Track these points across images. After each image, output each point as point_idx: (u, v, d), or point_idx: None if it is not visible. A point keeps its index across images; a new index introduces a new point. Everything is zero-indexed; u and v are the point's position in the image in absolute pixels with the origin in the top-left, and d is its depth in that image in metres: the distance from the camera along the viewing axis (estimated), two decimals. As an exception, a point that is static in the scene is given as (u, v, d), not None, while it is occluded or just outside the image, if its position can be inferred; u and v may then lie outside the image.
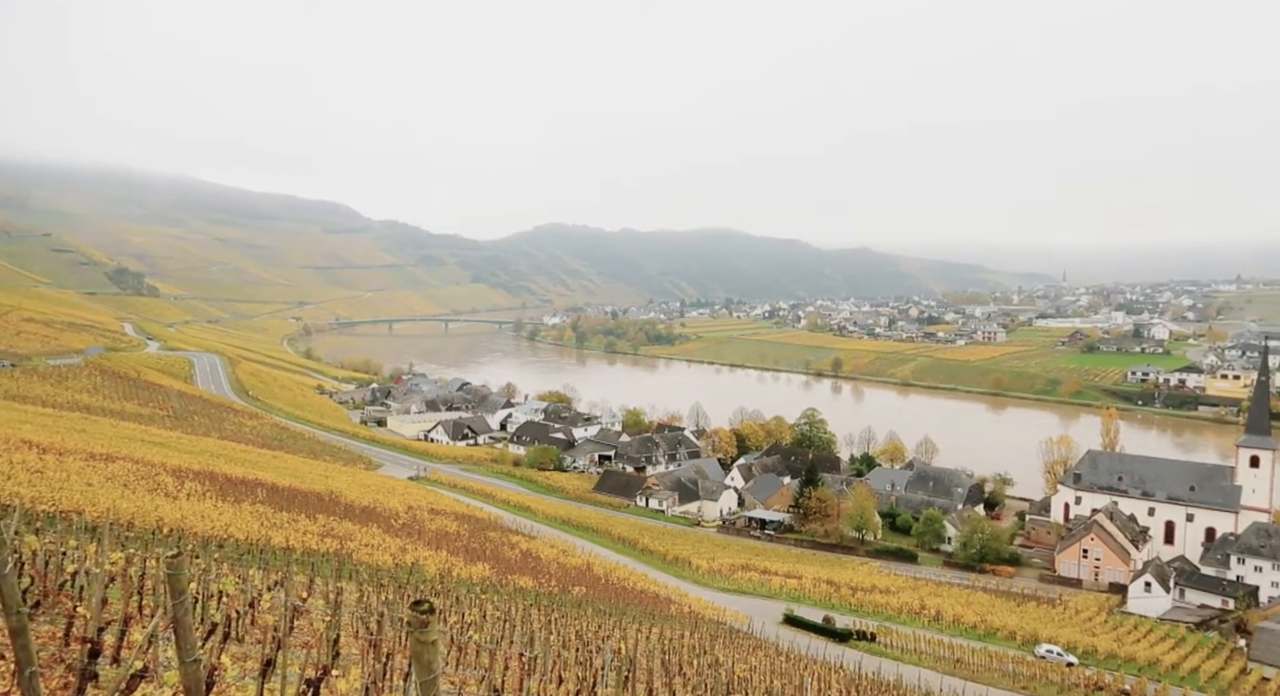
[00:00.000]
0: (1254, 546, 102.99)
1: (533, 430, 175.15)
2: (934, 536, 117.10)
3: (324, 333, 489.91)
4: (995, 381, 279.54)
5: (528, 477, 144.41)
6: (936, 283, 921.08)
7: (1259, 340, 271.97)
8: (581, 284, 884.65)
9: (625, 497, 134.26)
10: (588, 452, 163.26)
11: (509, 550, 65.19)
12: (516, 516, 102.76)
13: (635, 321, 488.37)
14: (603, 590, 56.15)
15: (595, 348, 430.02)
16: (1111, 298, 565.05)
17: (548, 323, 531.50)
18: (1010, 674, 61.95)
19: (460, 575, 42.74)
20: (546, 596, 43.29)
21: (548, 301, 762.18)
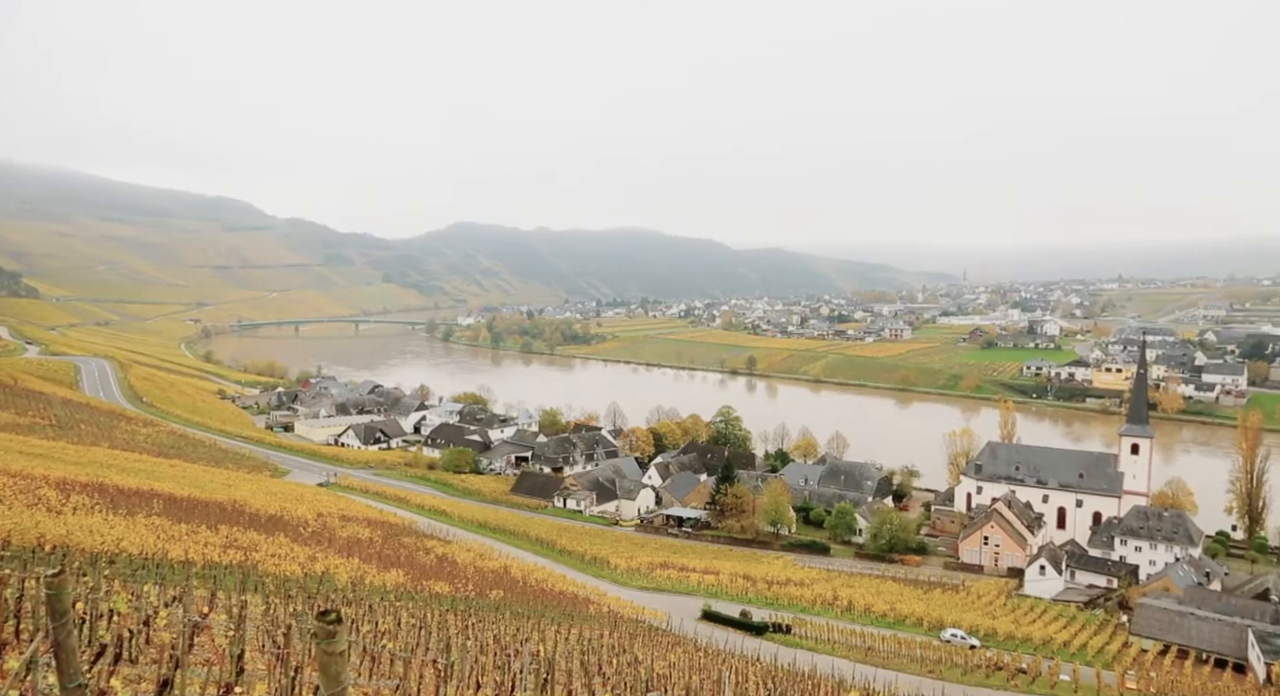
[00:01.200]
0: (1135, 528, 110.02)
1: (448, 432, 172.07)
2: (846, 528, 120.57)
3: (225, 335, 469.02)
4: (902, 377, 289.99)
5: (443, 481, 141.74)
6: (846, 282, 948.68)
7: (1138, 335, 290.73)
8: (496, 284, 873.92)
9: (543, 499, 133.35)
10: (504, 454, 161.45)
11: (424, 555, 63.84)
12: (432, 521, 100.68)
13: (551, 321, 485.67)
14: (521, 593, 55.60)
15: (511, 348, 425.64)
16: (1008, 296, 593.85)
17: (462, 323, 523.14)
18: (918, 659, 64.32)
19: (373, 582, 41.61)
20: (463, 601, 42.57)
21: (462, 302, 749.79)
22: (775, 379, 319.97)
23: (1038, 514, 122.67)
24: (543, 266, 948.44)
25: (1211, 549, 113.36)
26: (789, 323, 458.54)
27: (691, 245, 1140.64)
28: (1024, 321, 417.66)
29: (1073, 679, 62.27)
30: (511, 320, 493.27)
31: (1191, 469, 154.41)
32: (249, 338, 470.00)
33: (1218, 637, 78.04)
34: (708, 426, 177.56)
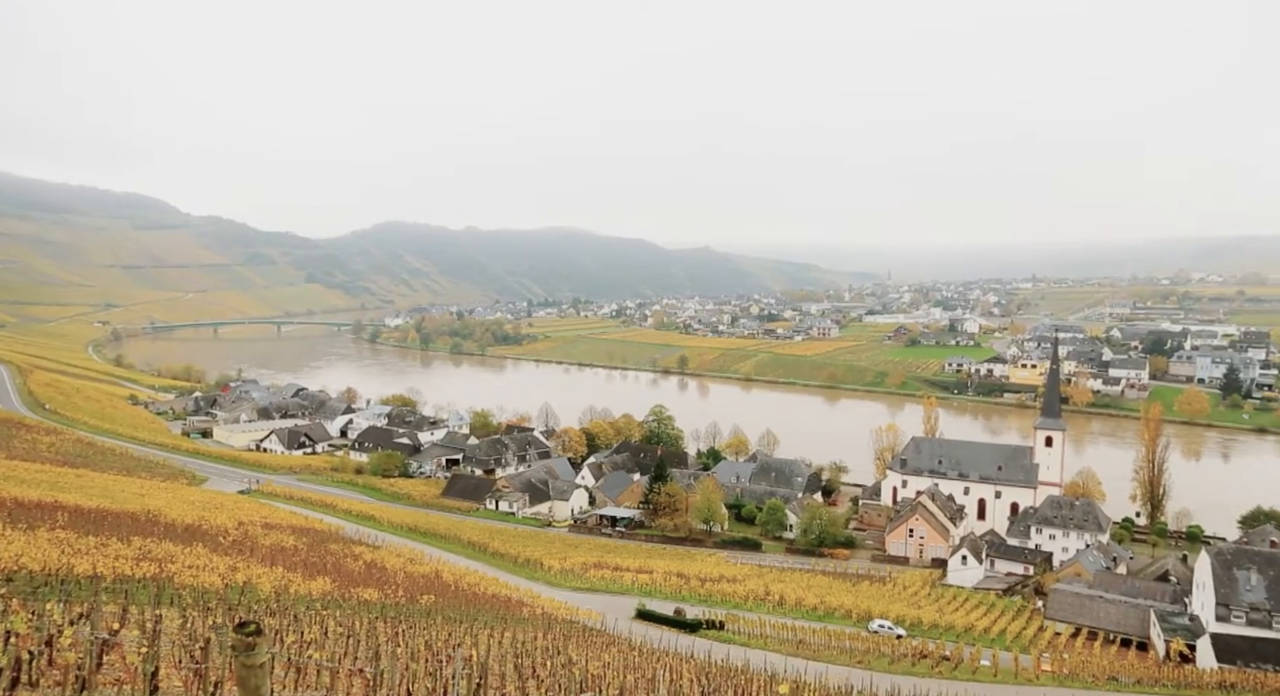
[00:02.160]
0: (1049, 517, 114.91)
1: (376, 436, 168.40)
2: (777, 525, 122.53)
3: (137, 338, 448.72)
4: (830, 375, 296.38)
5: (371, 485, 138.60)
6: (775, 281, 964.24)
7: (1051, 333, 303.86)
8: (425, 284, 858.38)
9: (474, 501, 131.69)
10: (435, 457, 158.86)
11: (352, 562, 62.25)
12: (360, 526, 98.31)
13: (482, 322, 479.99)
14: (453, 597, 54.73)
15: (441, 349, 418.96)
16: (930, 295, 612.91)
17: (390, 324, 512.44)
18: (847, 650, 65.81)
19: (299, 591, 40.34)
20: (393, 607, 41.67)
21: (389, 302, 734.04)
22: (707, 378, 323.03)
23: (960, 506, 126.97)
24: (472, 266, 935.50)
25: (1118, 534, 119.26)
26: (720, 322, 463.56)
27: (623, 245, 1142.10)
28: (945, 320, 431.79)
29: (993, 664, 64.63)
30: (441, 321, 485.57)
31: (1100, 459, 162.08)
32: (164, 340, 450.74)
33: (1124, 619, 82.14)
34: (640, 426, 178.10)
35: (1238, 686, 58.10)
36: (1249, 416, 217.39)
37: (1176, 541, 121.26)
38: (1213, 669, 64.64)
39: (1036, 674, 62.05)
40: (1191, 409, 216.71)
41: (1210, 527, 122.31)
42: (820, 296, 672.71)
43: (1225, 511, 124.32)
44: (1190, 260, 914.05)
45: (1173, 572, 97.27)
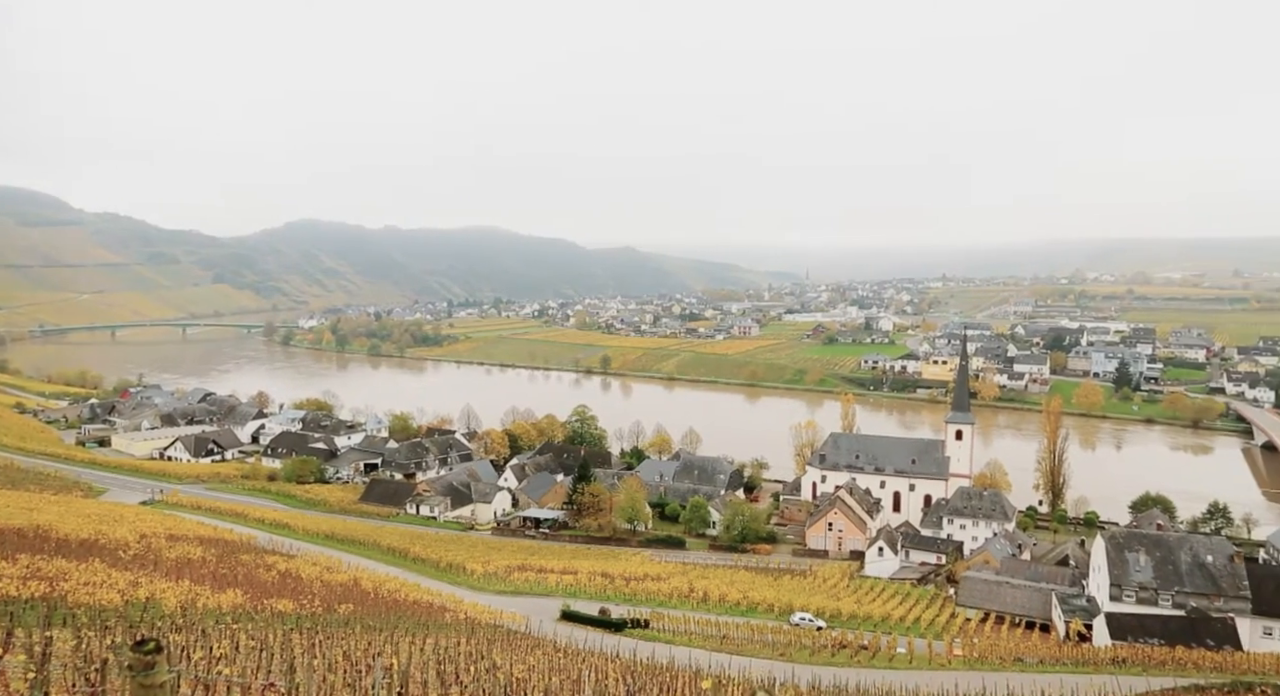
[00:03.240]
0: (960, 507, 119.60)
1: (290, 441, 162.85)
2: (700, 522, 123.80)
3: (23, 342, 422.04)
4: (751, 373, 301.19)
5: (285, 492, 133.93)
6: (696, 281, 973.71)
7: (960, 330, 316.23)
8: (340, 284, 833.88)
9: (394, 506, 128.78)
10: (352, 461, 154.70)
11: (265, 572, 59.97)
12: (273, 535, 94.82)
13: (401, 322, 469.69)
14: (372, 605, 53.32)
15: (358, 351, 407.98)
16: (847, 294, 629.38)
17: (304, 325, 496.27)
18: (770, 643, 66.96)
19: (207, 605, 38.60)
20: (309, 618, 40.29)
21: (303, 303, 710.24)
22: (629, 377, 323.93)
23: (876, 499, 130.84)
24: (391, 266, 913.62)
25: (1023, 522, 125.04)
26: (642, 321, 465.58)
27: (544, 244, 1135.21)
28: (861, 318, 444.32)
29: (908, 651, 66.82)
30: (358, 322, 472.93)
31: (1006, 451, 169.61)
32: (55, 344, 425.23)
33: (1028, 602, 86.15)
34: (563, 426, 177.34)
35: (1128, 661, 61.58)
36: (1138, 407, 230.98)
37: (1075, 527, 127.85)
38: (1107, 646, 68.36)
39: (949, 658, 64.43)
40: (1088, 401, 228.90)
41: (1105, 513, 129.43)
42: (741, 296, 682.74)
43: (1118, 497, 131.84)
44: (1085, 261, 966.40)
45: (1072, 557, 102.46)
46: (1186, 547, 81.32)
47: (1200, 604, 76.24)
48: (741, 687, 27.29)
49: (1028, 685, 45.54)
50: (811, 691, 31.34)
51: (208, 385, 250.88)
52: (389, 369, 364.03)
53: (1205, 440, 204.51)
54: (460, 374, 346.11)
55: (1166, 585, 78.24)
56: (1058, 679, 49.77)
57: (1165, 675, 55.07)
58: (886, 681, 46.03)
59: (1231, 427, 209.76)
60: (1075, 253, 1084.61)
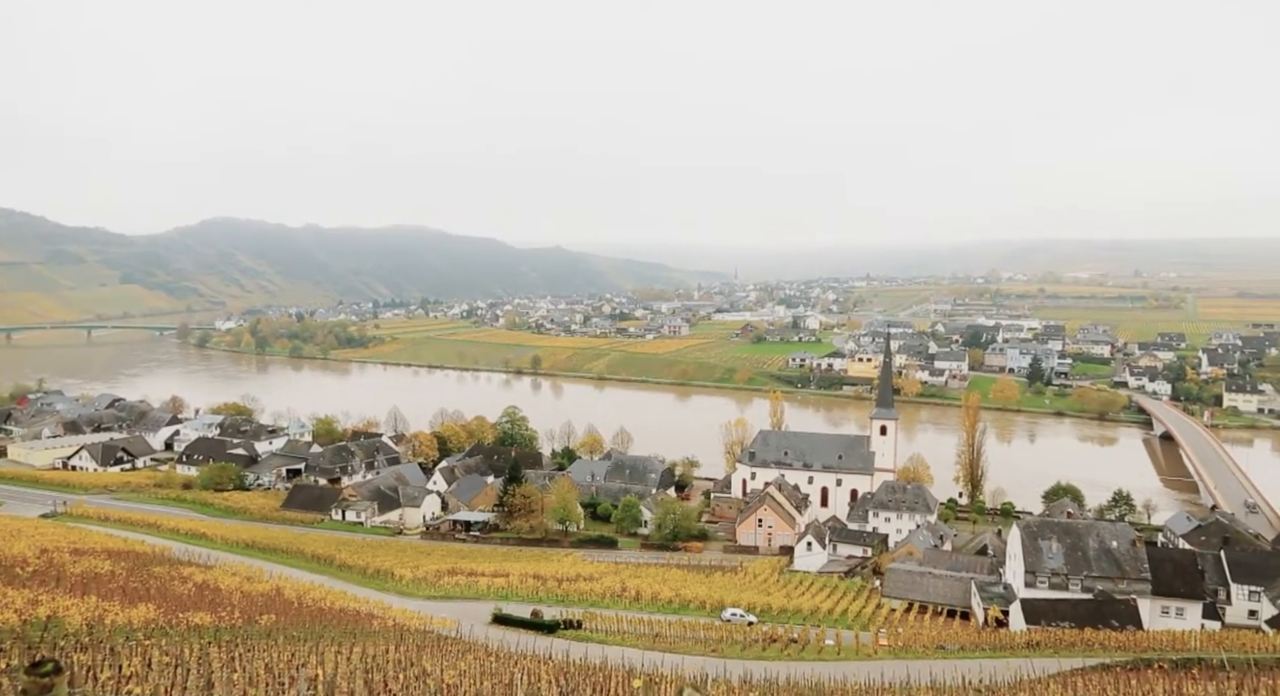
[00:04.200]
0: (884, 501, 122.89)
1: (206, 447, 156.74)
2: (632, 521, 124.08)
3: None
4: (681, 372, 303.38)
5: (202, 501, 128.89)
6: (626, 280, 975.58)
7: (884, 329, 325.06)
8: (260, 284, 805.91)
9: (319, 512, 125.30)
10: (274, 467, 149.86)
11: (180, 585, 57.51)
12: (189, 545, 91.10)
13: (324, 323, 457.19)
14: (296, 615, 51.68)
15: (279, 353, 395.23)
16: (775, 293, 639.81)
17: (221, 327, 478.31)
18: (702, 640, 67.53)
19: (116, 621, 36.76)
20: (228, 630, 38.80)
21: (220, 304, 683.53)
22: (560, 377, 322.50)
23: (805, 494, 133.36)
24: (313, 266, 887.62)
25: (944, 514, 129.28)
26: (572, 321, 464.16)
27: (473, 244, 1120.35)
28: (789, 317, 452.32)
29: (836, 643, 68.31)
30: (278, 323, 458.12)
31: (928, 445, 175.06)
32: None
33: (949, 591, 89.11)
34: (493, 428, 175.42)
35: (1042, 644, 64.29)
36: (1050, 401, 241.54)
37: (993, 518, 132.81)
38: (1022, 630, 71.23)
39: (875, 649, 66.10)
40: (1004, 396, 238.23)
41: (1020, 503, 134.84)
42: (670, 295, 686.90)
43: (1032, 488, 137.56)
44: (1000, 261, 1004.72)
45: (990, 546, 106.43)
46: (1094, 534, 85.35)
47: (1106, 587, 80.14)
48: (673, 685, 27.43)
49: (949, 671, 47.04)
50: (743, 686, 31.71)
51: (116, 390, 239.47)
52: (312, 371, 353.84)
53: (1110, 431, 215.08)
54: (387, 376, 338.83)
55: (1076, 570, 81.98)
56: (977, 664, 51.57)
57: (1075, 656, 57.66)
58: (815, 673, 46.94)
59: (1133, 419, 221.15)
60: (990, 253, 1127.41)
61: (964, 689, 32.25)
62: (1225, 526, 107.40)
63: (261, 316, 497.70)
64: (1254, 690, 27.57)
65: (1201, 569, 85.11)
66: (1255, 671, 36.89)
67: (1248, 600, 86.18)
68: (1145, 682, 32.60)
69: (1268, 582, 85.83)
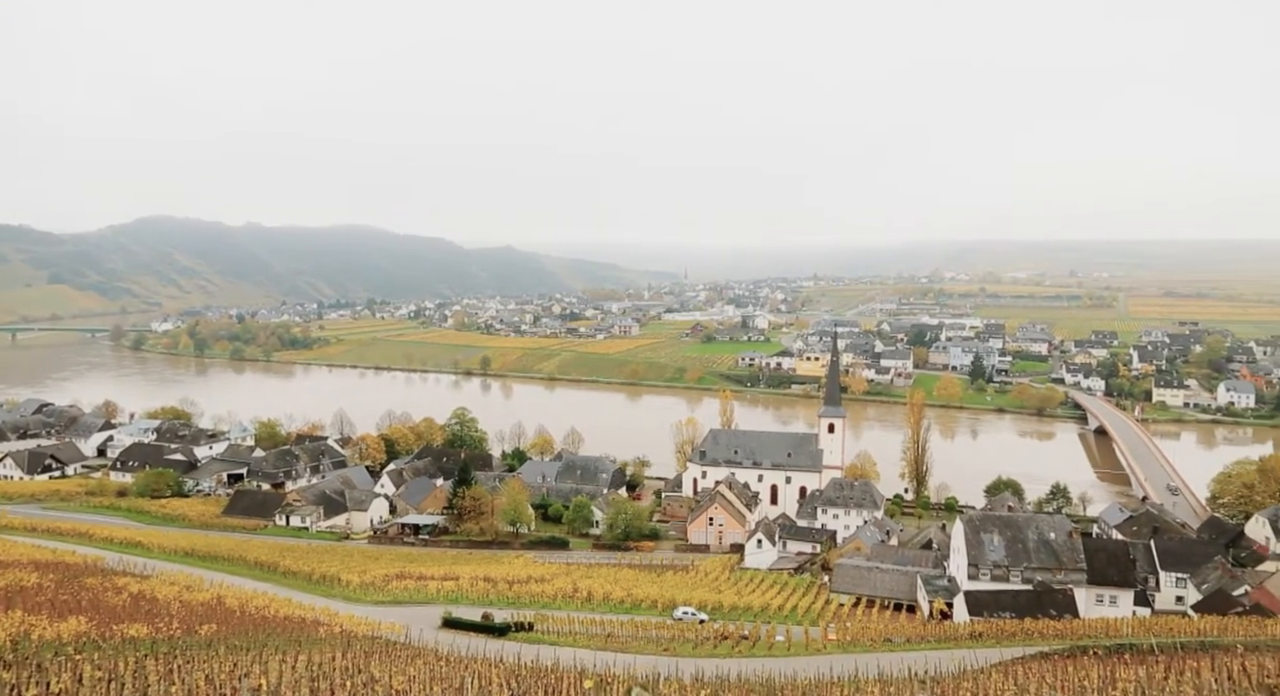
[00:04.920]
0: (833, 498, 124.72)
1: (142, 453, 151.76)
2: (583, 522, 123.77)
3: None
4: (632, 371, 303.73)
5: (138, 508, 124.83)
6: (577, 280, 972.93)
7: (831, 328, 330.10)
8: (199, 285, 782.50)
9: (262, 518, 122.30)
10: (214, 473, 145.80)
11: (114, 596, 55.53)
12: (124, 555, 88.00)
13: (266, 325, 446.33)
14: (238, 624, 50.33)
15: (219, 355, 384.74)
16: (724, 293, 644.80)
17: (157, 329, 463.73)
18: (654, 639, 67.67)
19: (44, 636, 35.33)
20: (166, 642, 37.61)
21: (156, 305, 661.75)
22: (510, 378, 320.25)
23: (755, 492, 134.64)
24: (255, 266, 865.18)
25: (890, 510, 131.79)
26: (522, 322, 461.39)
27: (420, 243, 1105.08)
28: (738, 317, 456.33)
29: (786, 638, 69.10)
30: (218, 324, 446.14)
31: (875, 442, 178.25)
32: None
33: (896, 585, 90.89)
34: (442, 429, 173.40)
35: (984, 635, 65.97)
36: (991, 398, 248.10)
37: (937, 512, 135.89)
38: (966, 622, 73.01)
39: (824, 643, 67.04)
40: (947, 393, 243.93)
41: (963, 498, 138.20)
42: (621, 295, 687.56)
43: (974, 482, 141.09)
44: (943, 261, 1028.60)
45: (935, 540, 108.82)
46: (1033, 527, 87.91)
47: (1045, 577, 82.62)
48: (625, 684, 27.44)
49: (896, 663, 47.94)
50: (695, 684, 31.86)
51: (44, 395, 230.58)
52: (254, 374, 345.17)
53: (1048, 426, 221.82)
54: (332, 378, 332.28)
55: (1016, 562, 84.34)
56: (923, 656, 52.66)
57: (1016, 645, 59.27)
58: (766, 669, 47.39)
59: (1070, 415, 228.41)
60: (934, 253, 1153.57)
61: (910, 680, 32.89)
62: (1155, 517, 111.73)
63: (200, 318, 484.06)
64: (1180, 672, 28.71)
65: (1133, 558, 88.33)
66: (1182, 654, 38.42)
67: (1175, 587, 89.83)
68: (1081, 669, 33.68)
69: (1193, 570, 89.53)
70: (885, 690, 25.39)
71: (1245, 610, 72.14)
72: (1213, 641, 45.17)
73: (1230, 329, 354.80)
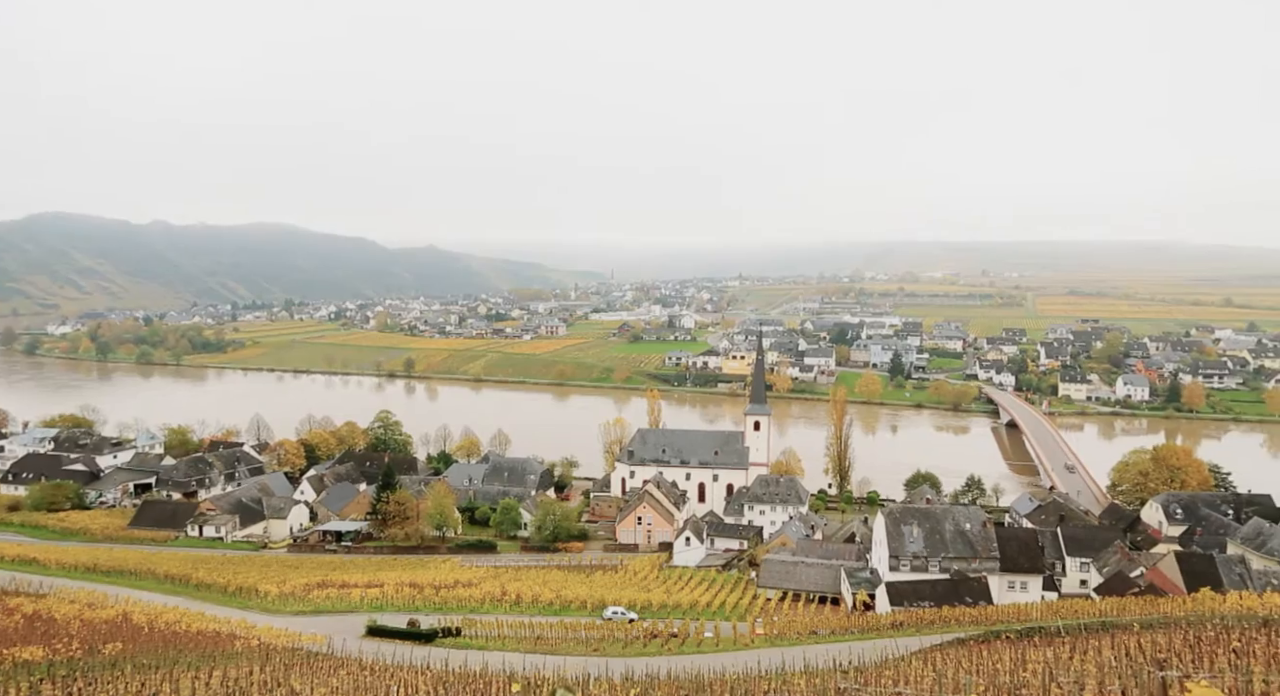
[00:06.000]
0: (759, 494, 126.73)
1: (38, 464, 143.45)
2: (511, 524, 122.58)
3: None
4: (559, 372, 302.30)
5: (34, 523, 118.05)
6: (503, 280, 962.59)
7: (756, 327, 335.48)
8: (101, 285, 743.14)
9: (173, 529, 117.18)
10: (120, 483, 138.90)
11: (5, 617, 52.38)
12: (17, 573, 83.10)
13: (176, 327, 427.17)
14: (147, 641, 48.10)
15: (124, 359, 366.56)
16: (651, 293, 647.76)
17: (54, 332, 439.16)
18: (584, 640, 67.49)
19: (-71, 661, 33.04)
20: (65, 664, 35.65)
21: (53, 306, 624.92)
22: (435, 380, 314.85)
23: (683, 491, 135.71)
24: (162, 265, 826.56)
25: (815, 505, 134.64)
26: (447, 322, 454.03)
27: (341, 243, 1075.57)
28: (665, 316, 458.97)
29: (715, 635, 69.87)
30: (123, 327, 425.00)
31: (799, 439, 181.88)
32: None
33: (820, 579, 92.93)
34: (365, 433, 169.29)
35: (905, 624, 68.06)
36: (910, 394, 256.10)
37: (860, 506, 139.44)
38: (888, 612, 75.17)
39: (751, 638, 68.05)
40: (868, 390, 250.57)
41: (885, 492, 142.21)
42: (548, 295, 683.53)
43: (895, 476, 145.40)
44: (864, 261, 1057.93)
45: (857, 534, 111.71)
46: (950, 518, 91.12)
47: (961, 566, 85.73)
48: (553, 686, 27.28)
49: (821, 655, 49.04)
50: (625, 683, 31.91)
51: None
52: (163, 378, 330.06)
53: (963, 421, 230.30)
54: (248, 382, 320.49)
55: (934, 552, 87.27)
56: (847, 647, 53.99)
57: (934, 633, 61.31)
58: (695, 666, 47.82)
59: (983, 409, 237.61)
60: (854, 253, 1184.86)
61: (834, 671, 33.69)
62: (1061, 506, 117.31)
63: (103, 320, 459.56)
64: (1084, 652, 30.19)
65: (1041, 545, 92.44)
66: (1085, 635, 40.43)
67: (1080, 571, 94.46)
68: (994, 653, 35.06)
69: (1095, 554, 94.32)
70: (811, 682, 25.92)
71: (1141, 590, 76.34)
72: (1112, 621, 47.64)
73: (1127, 326, 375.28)
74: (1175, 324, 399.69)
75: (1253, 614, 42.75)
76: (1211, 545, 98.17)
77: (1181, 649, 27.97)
